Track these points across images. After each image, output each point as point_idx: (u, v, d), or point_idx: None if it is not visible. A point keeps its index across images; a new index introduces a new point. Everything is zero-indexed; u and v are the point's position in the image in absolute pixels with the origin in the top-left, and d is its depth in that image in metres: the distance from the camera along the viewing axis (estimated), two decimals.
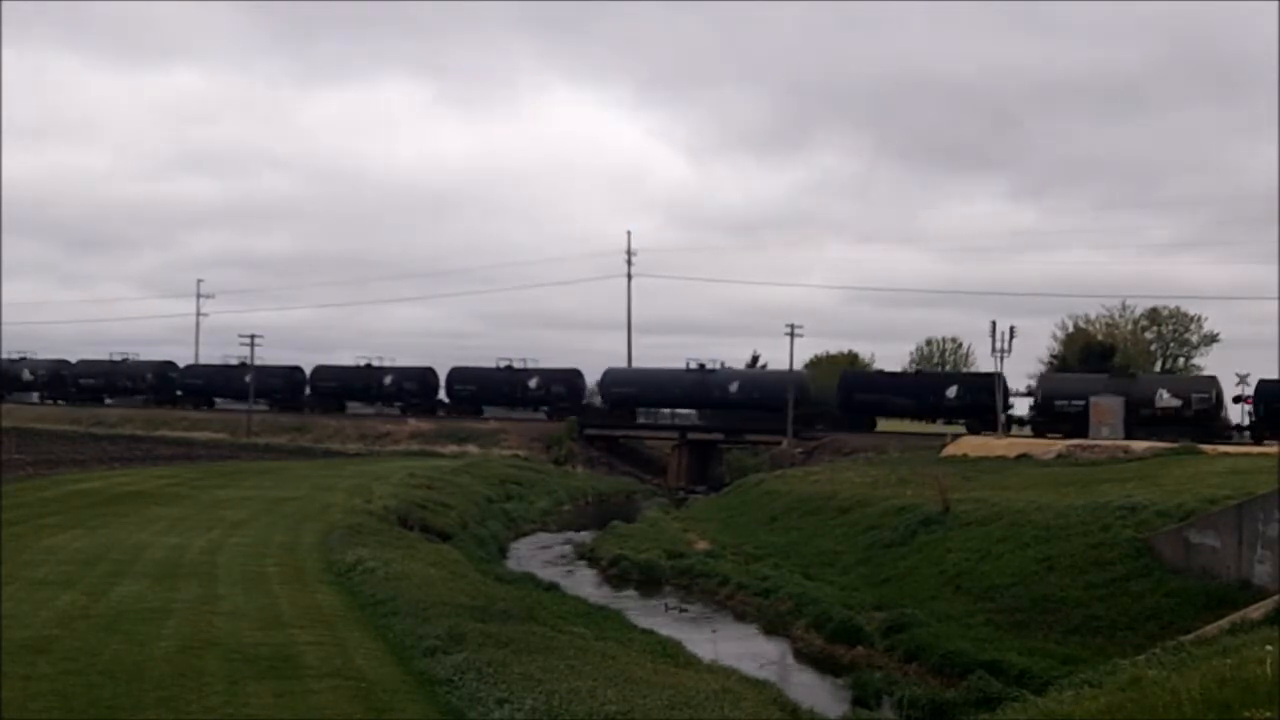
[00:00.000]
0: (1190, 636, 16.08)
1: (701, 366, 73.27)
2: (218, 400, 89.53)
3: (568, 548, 38.04)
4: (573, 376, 78.29)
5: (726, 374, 73.59)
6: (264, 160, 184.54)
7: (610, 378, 76.51)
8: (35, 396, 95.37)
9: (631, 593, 29.47)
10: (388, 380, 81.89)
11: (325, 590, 19.43)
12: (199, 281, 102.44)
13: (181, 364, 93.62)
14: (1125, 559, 23.21)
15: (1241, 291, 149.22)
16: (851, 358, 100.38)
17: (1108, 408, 58.82)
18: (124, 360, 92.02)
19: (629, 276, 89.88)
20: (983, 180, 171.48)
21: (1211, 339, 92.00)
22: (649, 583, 30.81)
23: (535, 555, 36.16)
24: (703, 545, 35.50)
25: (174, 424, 79.61)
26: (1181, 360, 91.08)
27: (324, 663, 13.56)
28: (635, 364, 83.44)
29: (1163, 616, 20.65)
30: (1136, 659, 14.42)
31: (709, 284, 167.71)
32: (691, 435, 70.93)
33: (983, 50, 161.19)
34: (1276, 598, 17.52)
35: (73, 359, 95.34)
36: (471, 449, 68.07)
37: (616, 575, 31.76)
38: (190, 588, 18.50)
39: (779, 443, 65.38)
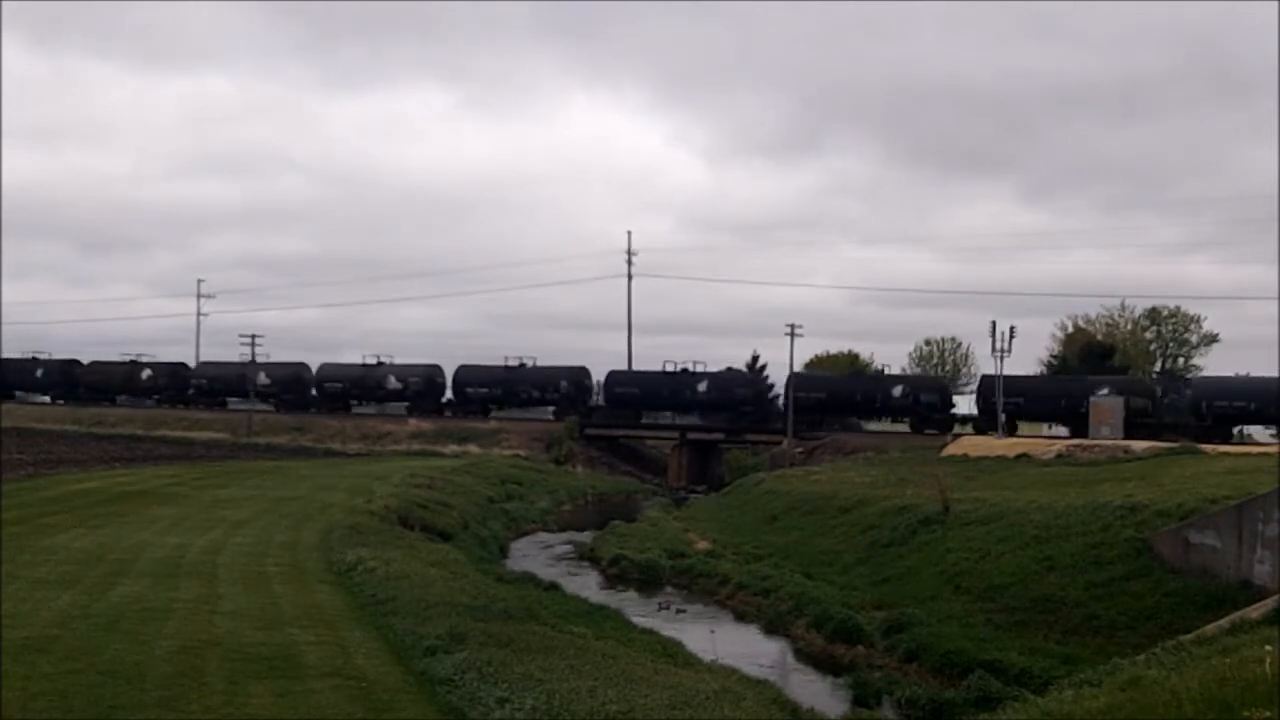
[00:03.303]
0: (1190, 636, 16.08)
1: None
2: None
3: (568, 547, 38.05)
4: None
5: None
6: (284, 164, 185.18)
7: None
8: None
9: (632, 592, 29.46)
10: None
11: (326, 590, 19.44)
12: (199, 281, 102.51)
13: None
14: (1125, 559, 23.23)
15: (1245, 292, 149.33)
16: (852, 358, 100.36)
17: (1108, 408, 58.80)
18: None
19: (629, 277, 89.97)
20: (992, 183, 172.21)
21: (1211, 339, 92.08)
22: (649, 582, 30.81)
23: (536, 555, 36.17)
24: (703, 545, 35.51)
25: (174, 424, 79.60)
26: (1181, 360, 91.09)
27: (324, 662, 13.57)
28: (638, 365, 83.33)
29: (1162, 616, 20.67)
30: (1136, 659, 14.44)
31: (718, 285, 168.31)
32: (691, 435, 70.89)
33: (994, 55, 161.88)
34: (1276, 597, 17.53)
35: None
36: (472, 449, 68.06)
37: (617, 575, 31.76)
38: (191, 587, 18.52)
39: (779, 443, 65.40)
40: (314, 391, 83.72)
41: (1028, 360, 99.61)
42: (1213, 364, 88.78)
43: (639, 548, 33.75)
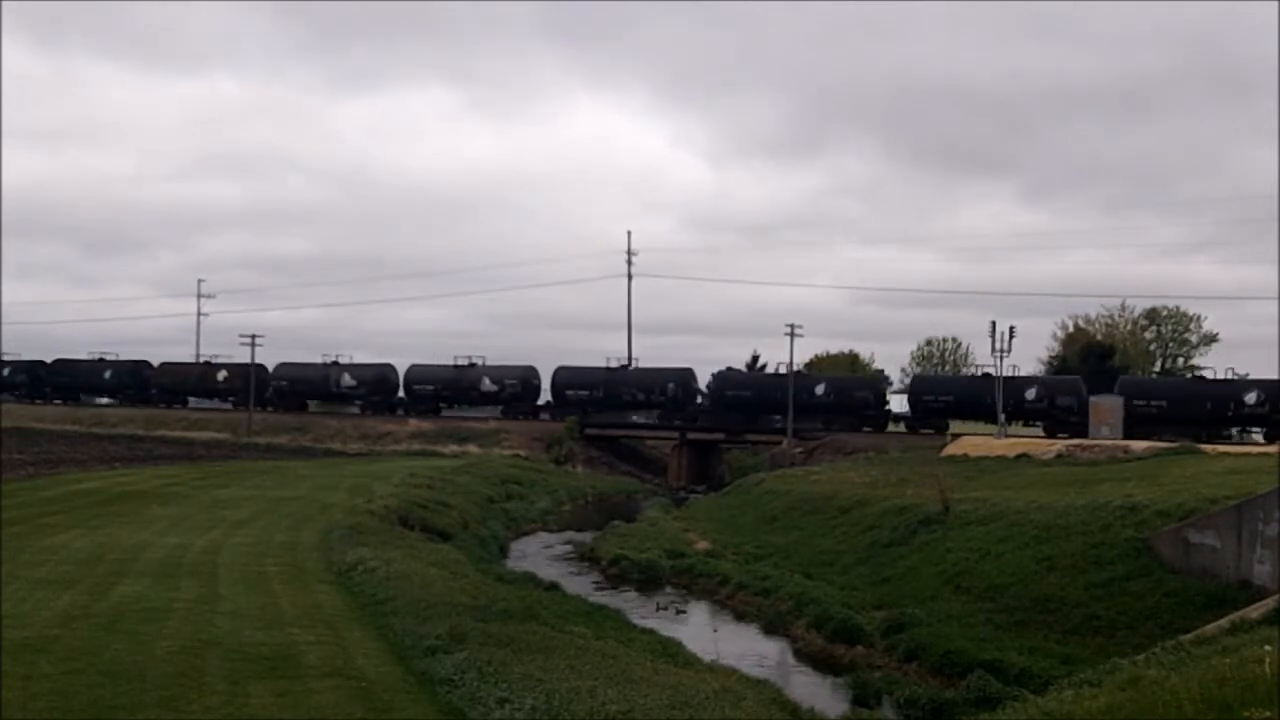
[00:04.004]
0: (1190, 636, 16.08)
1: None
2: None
3: (568, 547, 38.06)
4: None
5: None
6: (288, 164, 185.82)
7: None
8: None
9: (632, 592, 29.47)
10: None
11: (326, 590, 19.45)
12: (200, 281, 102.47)
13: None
14: (1125, 559, 23.23)
15: (1246, 292, 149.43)
16: (852, 358, 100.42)
17: (1108, 408, 58.82)
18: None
19: (629, 277, 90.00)
20: (993, 183, 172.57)
21: (1211, 339, 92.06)
22: (649, 582, 30.81)
23: (536, 555, 36.17)
24: (703, 545, 35.51)
25: (174, 424, 79.59)
26: (1181, 360, 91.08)
27: (325, 662, 13.57)
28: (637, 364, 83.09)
29: (1162, 616, 20.66)
30: (1136, 658, 14.42)
31: (719, 285, 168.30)
32: (691, 435, 70.86)
33: (995, 56, 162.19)
34: (1276, 597, 17.53)
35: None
36: (472, 449, 68.06)
37: (617, 575, 31.76)
38: (191, 587, 18.52)
39: (779, 443, 65.42)
40: (401, 393, 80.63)
41: (1028, 360, 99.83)
42: (1212, 364, 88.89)
43: (639, 548, 33.75)
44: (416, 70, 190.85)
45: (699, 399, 73.89)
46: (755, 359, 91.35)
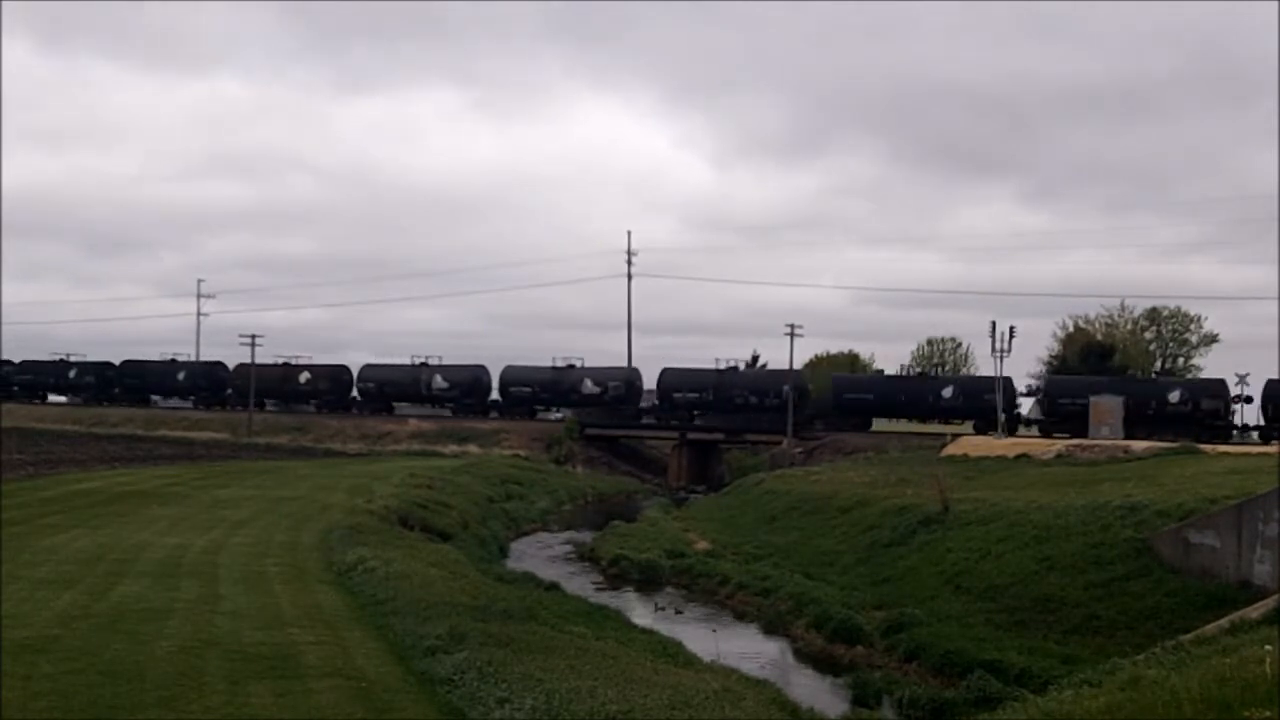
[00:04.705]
0: (1190, 636, 16.08)
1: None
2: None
3: (568, 547, 38.05)
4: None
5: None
6: (292, 165, 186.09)
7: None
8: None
9: (632, 592, 29.48)
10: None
11: (326, 590, 19.44)
12: (200, 281, 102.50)
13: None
14: (1125, 559, 23.22)
15: (1246, 292, 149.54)
16: (852, 358, 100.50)
17: (1108, 408, 58.79)
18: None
19: (629, 277, 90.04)
20: (995, 184, 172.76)
21: (1211, 339, 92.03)
22: (649, 582, 30.81)
23: (536, 555, 36.16)
24: (703, 545, 35.50)
25: (174, 424, 79.55)
26: (1181, 360, 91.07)
27: (325, 662, 13.57)
28: (638, 364, 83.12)
29: (1162, 616, 20.66)
30: (1136, 658, 14.43)
31: (721, 285, 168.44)
32: (691, 435, 70.82)
33: (997, 57, 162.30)
34: (1276, 597, 17.53)
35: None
36: (472, 449, 68.07)
37: (617, 575, 31.77)
38: (191, 587, 18.52)
39: (779, 443, 65.40)
40: (496, 395, 79.22)
41: (1028, 360, 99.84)
42: (1213, 364, 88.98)
43: (639, 548, 33.75)
44: (420, 71, 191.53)
45: (810, 401, 71.73)
46: (755, 359, 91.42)
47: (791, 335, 68.20)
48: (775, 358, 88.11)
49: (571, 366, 76.72)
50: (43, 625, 14.80)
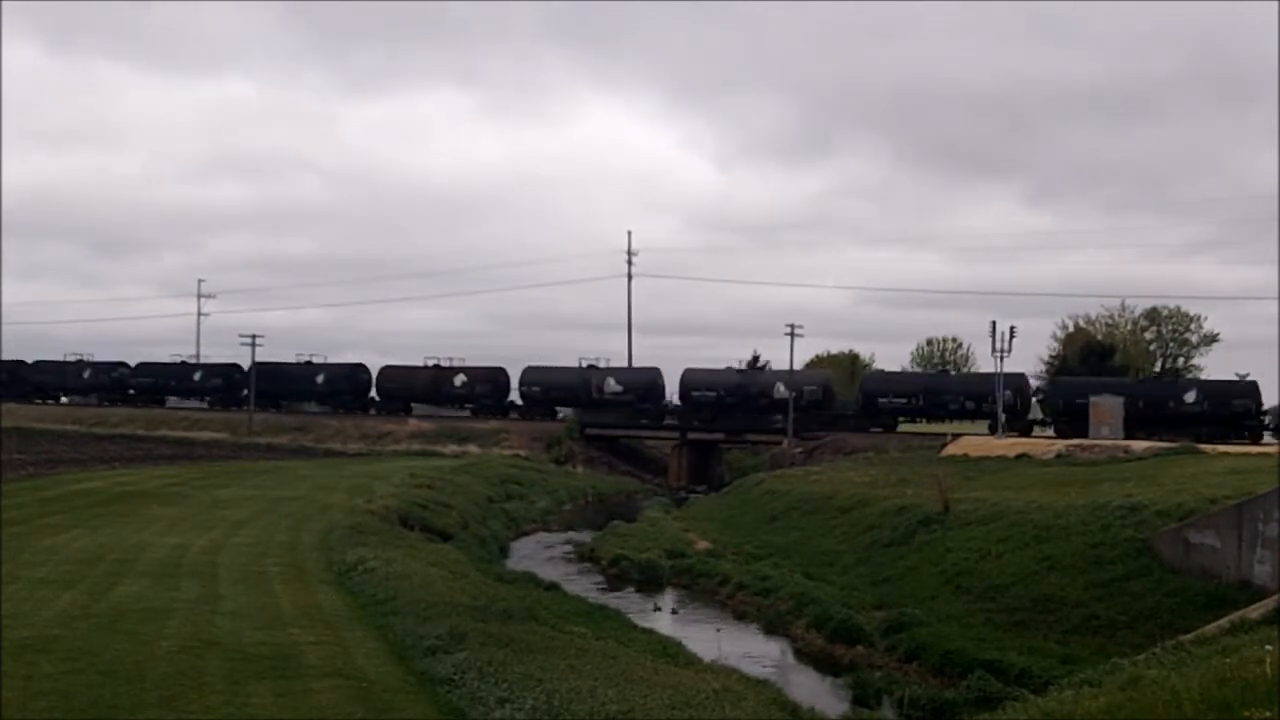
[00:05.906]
0: (1190, 636, 16.09)
1: (592, 366, 74.35)
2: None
3: (568, 547, 38.04)
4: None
5: (607, 371, 74.31)
6: (297, 166, 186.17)
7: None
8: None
9: (632, 592, 29.48)
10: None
11: (326, 590, 19.44)
12: (200, 281, 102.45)
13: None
14: (1125, 559, 23.22)
15: (1246, 293, 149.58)
16: (853, 358, 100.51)
17: (1108, 408, 58.77)
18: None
19: (629, 277, 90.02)
20: (996, 184, 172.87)
21: (1211, 339, 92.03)
22: (649, 582, 30.81)
23: (536, 555, 36.16)
24: (703, 545, 35.49)
25: (174, 424, 79.55)
26: (1181, 360, 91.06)
27: (325, 662, 13.57)
28: (637, 364, 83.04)
29: (1162, 616, 20.66)
30: (1136, 658, 14.43)
31: (723, 286, 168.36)
32: (691, 435, 70.76)
33: (998, 57, 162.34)
34: (1276, 597, 17.53)
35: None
36: (472, 449, 68.04)
37: (617, 575, 31.76)
38: (191, 587, 18.52)
39: (779, 443, 65.38)
40: (676, 399, 74.51)
41: (1029, 360, 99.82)
42: (1213, 364, 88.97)
43: (639, 548, 33.74)
44: (426, 73, 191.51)
45: (1032, 405, 68.12)
46: (755, 358, 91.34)
47: (792, 335, 68.15)
48: (776, 358, 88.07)
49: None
50: (43, 625, 14.80)
